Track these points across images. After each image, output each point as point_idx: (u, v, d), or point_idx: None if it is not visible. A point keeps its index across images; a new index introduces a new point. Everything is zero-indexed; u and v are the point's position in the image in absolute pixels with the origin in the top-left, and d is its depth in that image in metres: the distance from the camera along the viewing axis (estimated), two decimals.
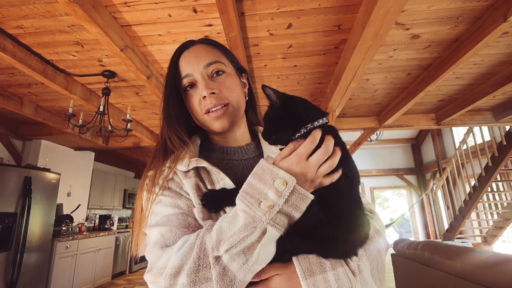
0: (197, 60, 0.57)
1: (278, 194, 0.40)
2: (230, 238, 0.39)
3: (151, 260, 0.46)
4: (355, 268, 0.43)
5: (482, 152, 4.66)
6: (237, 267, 0.39)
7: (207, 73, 0.57)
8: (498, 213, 4.66)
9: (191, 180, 0.53)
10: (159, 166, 0.56)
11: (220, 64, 0.58)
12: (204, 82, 0.56)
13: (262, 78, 2.49)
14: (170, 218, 0.50)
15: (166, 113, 0.59)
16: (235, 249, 0.39)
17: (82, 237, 4.03)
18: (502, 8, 1.60)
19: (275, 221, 0.40)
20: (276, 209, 0.39)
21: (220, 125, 0.56)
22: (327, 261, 0.42)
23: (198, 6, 1.62)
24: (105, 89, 2.39)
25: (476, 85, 2.78)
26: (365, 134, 3.83)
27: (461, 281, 1.57)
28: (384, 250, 0.50)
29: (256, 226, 0.39)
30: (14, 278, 2.92)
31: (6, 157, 3.73)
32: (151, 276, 0.44)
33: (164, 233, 0.48)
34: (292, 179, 0.40)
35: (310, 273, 0.40)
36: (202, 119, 0.58)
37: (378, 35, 1.57)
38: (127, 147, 4.19)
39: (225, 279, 0.39)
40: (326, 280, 0.40)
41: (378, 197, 10.14)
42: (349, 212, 0.44)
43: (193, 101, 0.57)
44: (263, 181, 0.41)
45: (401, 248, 2.42)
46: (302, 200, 0.41)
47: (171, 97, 0.58)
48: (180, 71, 0.58)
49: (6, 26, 1.75)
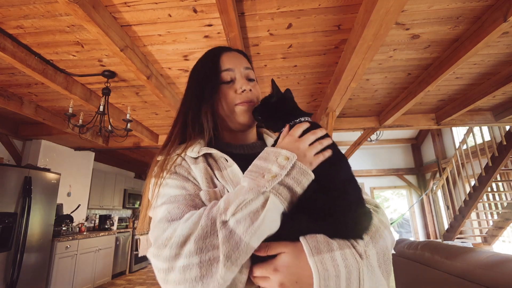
0: (239, 61, 0.65)
1: (280, 167, 0.45)
2: (236, 201, 0.42)
3: (155, 235, 0.46)
4: (362, 252, 0.43)
5: (482, 152, 4.66)
6: (242, 229, 0.40)
7: (245, 73, 0.64)
8: (498, 213, 4.66)
9: (200, 165, 0.55)
10: (169, 153, 0.58)
11: (252, 72, 0.67)
12: (243, 79, 0.63)
13: (262, 78, 2.49)
14: (177, 198, 0.50)
15: (199, 97, 0.63)
16: (241, 212, 0.41)
17: (82, 237, 4.03)
18: (502, 8, 1.60)
19: (278, 191, 0.43)
20: (278, 179, 0.43)
21: (248, 118, 0.62)
22: (334, 241, 0.43)
23: (198, 6, 1.62)
24: (105, 89, 2.39)
25: (476, 85, 2.78)
26: (365, 134, 3.83)
27: (461, 281, 1.57)
28: (389, 242, 0.50)
29: (260, 191, 0.42)
30: (14, 278, 2.92)
31: (6, 157, 3.73)
32: (155, 248, 0.43)
33: (171, 209, 0.48)
34: (293, 155, 0.46)
35: (317, 251, 0.41)
36: (231, 109, 0.62)
37: (378, 35, 1.57)
38: (127, 147, 4.19)
39: (231, 241, 0.40)
40: (334, 259, 0.41)
41: (378, 197, 10.13)
42: (348, 193, 0.48)
43: (229, 92, 0.62)
44: (267, 160, 0.47)
45: (401, 248, 2.42)
46: (303, 174, 0.45)
47: (209, 85, 0.62)
48: (221, 65, 0.63)
49: (6, 26, 1.75)
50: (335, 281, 0.40)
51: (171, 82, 2.53)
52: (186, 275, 0.40)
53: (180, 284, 0.40)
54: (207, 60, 0.66)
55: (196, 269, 0.40)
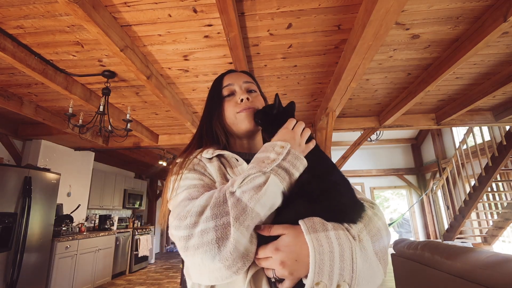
0: (238, 77, 0.75)
1: (277, 153, 0.53)
2: (241, 176, 0.50)
3: (177, 212, 0.52)
4: (355, 235, 0.48)
5: (482, 152, 4.66)
6: (248, 197, 0.47)
7: (244, 86, 0.73)
8: (498, 213, 4.66)
9: (214, 163, 0.63)
10: (188, 155, 0.66)
11: (253, 85, 0.76)
12: (242, 90, 0.72)
13: (262, 78, 2.49)
14: (196, 185, 0.57)
15: (210, 113, 0.74)
16: (246, 185, 0.48)
17: (82, 237, 4.03)
18: (502, 8, 1.60)
19: (277, 172, 0.50)
20: (276, 162, 0.51)
21: (248, 123, 0.69)
22: (329, 223, 0.47)
23: (198, 6, 1.62)
24: (105, 89, 2.39)
25: (476, 85, 2.78)
26: (365, 134, 3.82)
27: (461, 281, 1.57)
28: (384, 234, 0.53)
29: (261, 171, 0.50)
30: (14, 278, 2.92)
31: (6, 157, 3.73)
32: (176, 221, 0.50)
33: (192, 192, 0.55)
34: (287, 144, 0.54)
35: (313, 230, 0.45)
36: (233, 118, 0.70)
37: (378, 35, 1.57)
38: (127, 147, 4.19)
39: (238, 206, 0.46)
40: (328, 237, 0.45)
41: (378, 197, 10.13)
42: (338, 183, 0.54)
43: (229, 104, 0.72)
44: (266, 151, 0.55)
45: (401, 248, 2.42)
46: (297, 159, 0.53)
47: (215, 101, 0.74)
48: (223, 83, 0.74)
49: (6, 26, 1.75)
50: (329, 256, 0.43)
51: (171, 82, 2.53)
52: (203, 238, 0.45)
53: (198, 248, 0.45)
54: (214, 83, 0.77)
55: (212, 232, 0.45)
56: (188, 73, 2.38)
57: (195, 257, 0.45)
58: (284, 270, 0.45)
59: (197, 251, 0.45)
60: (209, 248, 0.44)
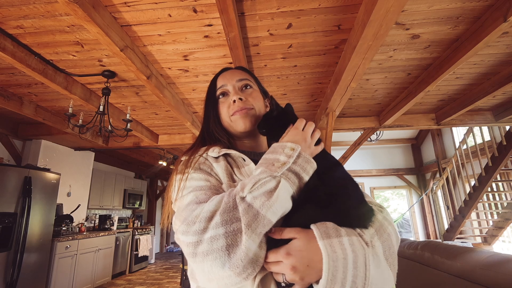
0: (231, 76, 0.73)
1: (287, 156, 0.51)
2: (251, 180, 0.49)
3: (184, 215, 0.50)
4: (368, 241, 0.47)
5: (482, 152, 4.66)
6: (259, 203, 0.45)
7: (238, 85, 0.71)
8: (498, 213, 4.65)
9: (221, 163, 0.61)
10: (193, 153, 0.65)
11: (248, 81, 0.73)
12: (235, 90, 0.70)
13: (262, 78, 2.49)
14: (202, 187, 0.55)
15: (207, 115, 0.74)
16: (257, 191, 0.47)
17: (82, 237, 4.03)
18: (502, 8, 1.60)
19: (287, 176, 0.49)
20: (287, 166, 0.50)
21: (243, 124, 0.68)
22: (342, 229, 0.46)
23: (198, 6, 1.62)
24: (105, 89, 2.39)
25: (476, 85, 2.78)
26: (365, 134, 3.82)
27: (461, 281, 1.57)
28: (394, 238, 0.52)
29: (271, 175, 0.48)
30: (14, 278, 2.91)
31: (6, 157, 3.73)
32: (184, 226, 0.48)
33: (199, 195, 0.53)
34: (297, 146, 0.53)
35: (326, 236, 0.44)
36: (228, 120, 0.69)
37: (378, 35, 1.57)
38: (127, 147, 4.19)
39: (249, 213, 0.45)
40: (341, 243, 0.44)
41: (378, 197, 10.13)
42: (347, 187, 0.53)
43: (223, 106, 0.71)
44: (275, 152, 0.53)
45: (401, 248, 2.42)
46: (307, 163, 0.51)
47: (210, 104, 0.73)
48: (217, 84, 0.73)
49: (6, 26, 1.75)
50: (342, 263, 0.42)
51: (171, 82, 2.53)
52: (213, 245, 0.43)
53: (208, 255, 0.44)
54: (210, 84, 0.76)
55: (222, 239, 0.43)
56: (188, 73, 2.38)
57: (204, 263, 0.44)
58: (295, 275, 0.44)
59: (206, 258, 0.44)
60: (219, 255, 0.43)
